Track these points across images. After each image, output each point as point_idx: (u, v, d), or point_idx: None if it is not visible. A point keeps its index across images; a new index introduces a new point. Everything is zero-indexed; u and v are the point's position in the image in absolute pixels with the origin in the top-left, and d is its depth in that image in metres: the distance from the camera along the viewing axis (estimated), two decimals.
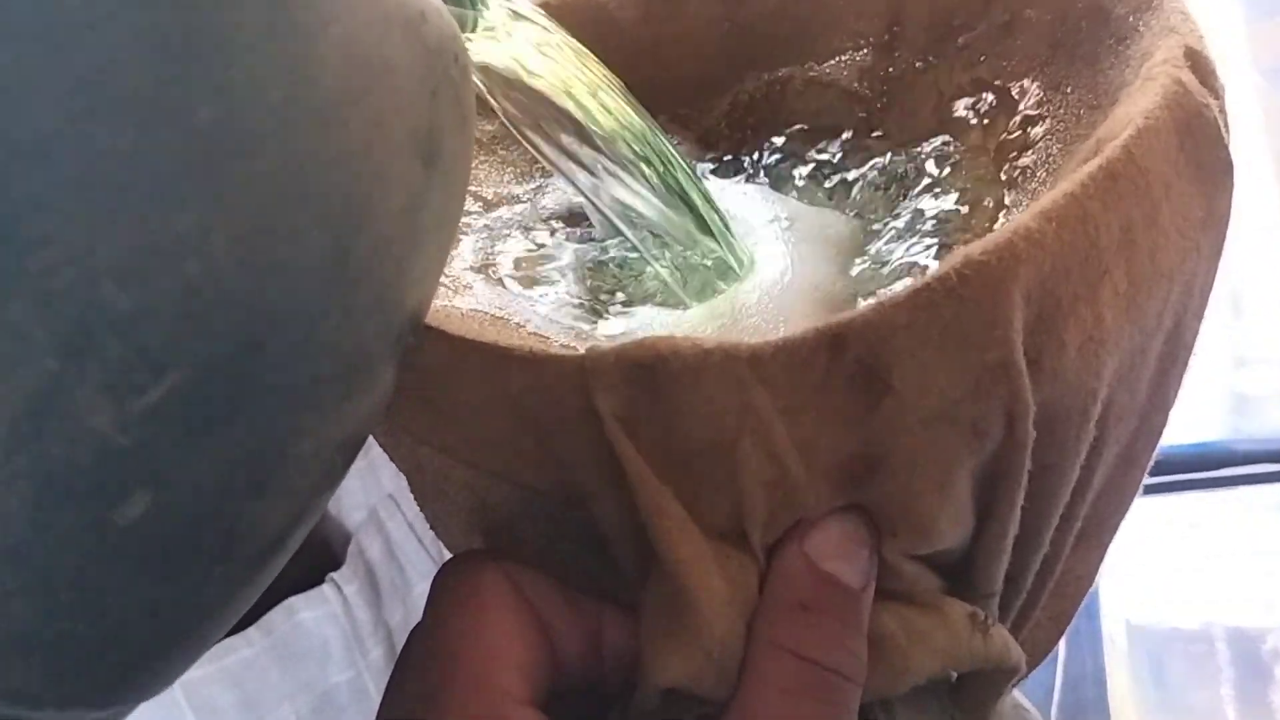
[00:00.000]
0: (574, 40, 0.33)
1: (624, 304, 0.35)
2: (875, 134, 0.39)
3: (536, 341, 0.31)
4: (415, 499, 0.31)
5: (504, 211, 0.39)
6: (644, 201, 0.32)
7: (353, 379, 0.21)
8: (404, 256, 0.21)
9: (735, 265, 0.34)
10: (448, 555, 0.29)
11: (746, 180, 0.39)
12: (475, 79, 0.30)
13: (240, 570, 0.22)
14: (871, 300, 0.24)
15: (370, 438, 0.27)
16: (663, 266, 0.34)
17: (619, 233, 0.34)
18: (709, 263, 0.33)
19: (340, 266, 0.19)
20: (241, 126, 0.18)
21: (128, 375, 0.18)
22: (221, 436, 0.19)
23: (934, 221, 0.34)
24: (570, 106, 0.31)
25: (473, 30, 0.30)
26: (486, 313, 0.33)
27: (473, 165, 0.32)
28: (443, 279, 0.33)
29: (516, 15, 0.31)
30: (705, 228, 0.33)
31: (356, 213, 0.20)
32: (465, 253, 0.36)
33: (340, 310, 0.20)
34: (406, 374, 0.24)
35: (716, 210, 0.34)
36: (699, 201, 0.33)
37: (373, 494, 0.56)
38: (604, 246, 0.37)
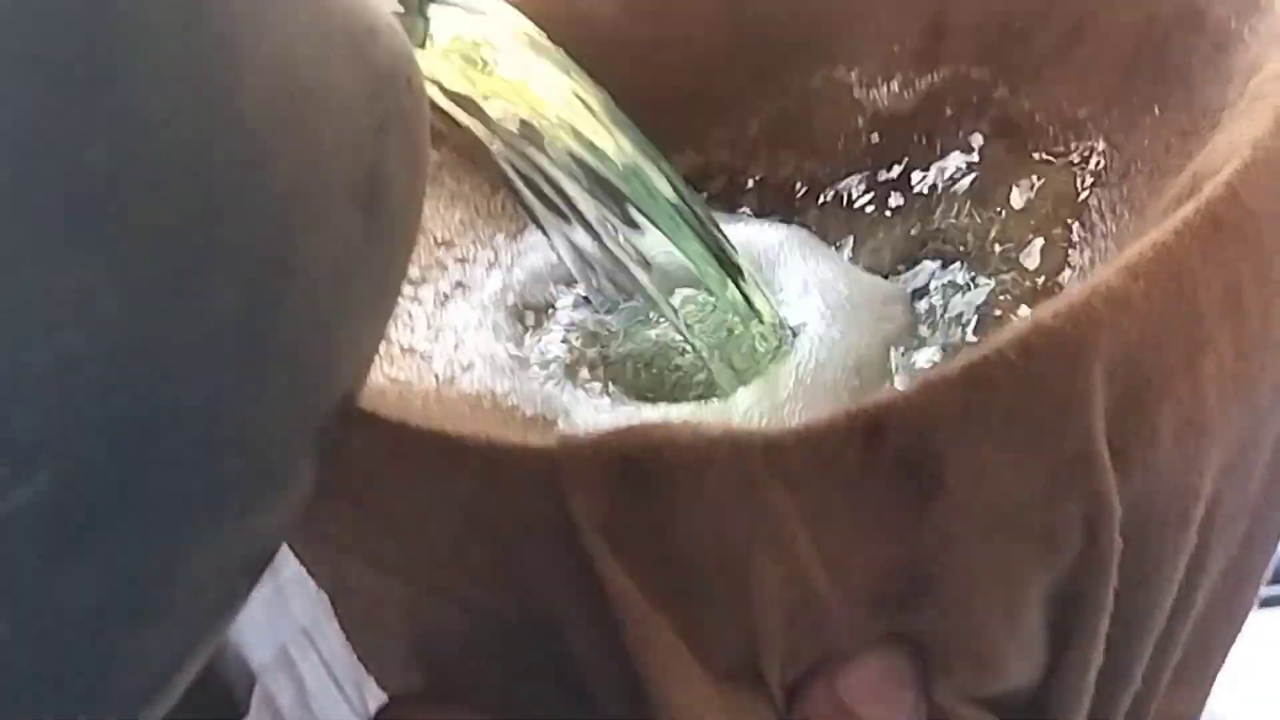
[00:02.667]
0: (552, 45, 0.33)
1: (625, 382, 0.35)
2: (913, 165, 0.39)
3: (498, 426, 0.31)
4: (341, 626, 0.31)
5: (458, 254, 0.39)
6: (661, 250, 0.33)
7: (263, 480, 0.21)
8: (334, 327, 0.21)
9: (775, 333, 0.34)
10: (374, 701, 0.29)
11: (757, 220, 0.40)
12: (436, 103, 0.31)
13: (115, 716, 0.21)
14: (917, 377, 0.25)
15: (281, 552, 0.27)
16: (695, 338, 0.34)
17: (628, 293, 0.34)
18: (741, 329, 0.34)
19: (254, 340, 0.20)
20: (142, 167, 0.18)
21: None
22: (97, 552, 0.19)
23: (991, 279, 0.34)
24: (560, 135, 0.31)
25: (422, 42, 0.30)
26: (438, 386, 0.33)
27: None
28: (383, 346, 0.33)
29: (474, 14, 0.31)
30: (735, 284, 0.33)
31: (278, 273, 0.20)
32: (412, 309, 0.37)
33: (252, 394, 0.20)
34: (332, 470, 0.24)
35: (739, 262, 0.34)
36: (726, 249, 0.33)
37: (282, 628, 0.55)
38: (606, 304, 0.38)
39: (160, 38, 0.18)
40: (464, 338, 0.36)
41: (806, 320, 0.34)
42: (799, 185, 0.41)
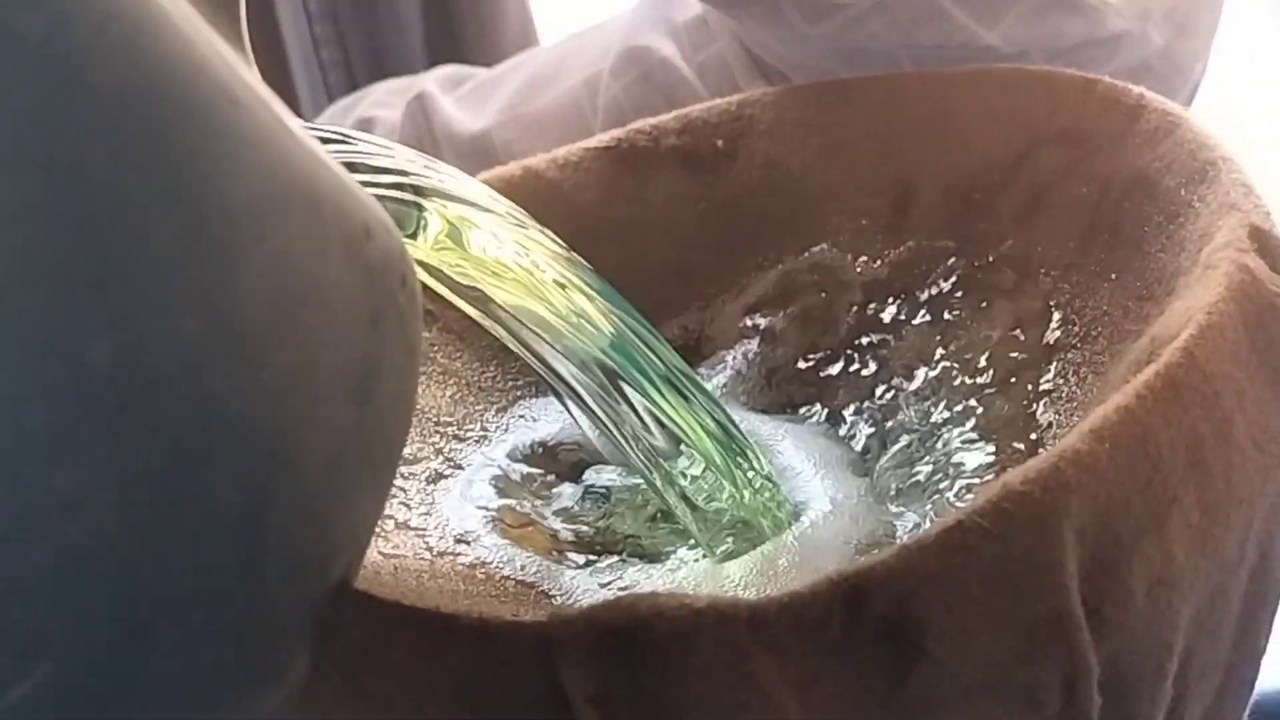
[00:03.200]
0: (540, 228, 0.33)
1: (620, 554, 0.35)
2: (886, 333, 0.39)
3: (490, 599, 0.31)
4: None
5: (450, 430, 0.39)
6: (655, 422, 0.33)
7: (258, 666, 0.21)
8: (329, 515, 0.21)
9: (777, 510, 0.34)
10: None
11: (739, 392, 0.40)
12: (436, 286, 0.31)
13: None
14: (897, 543, 0.25)
15: None
16: (689, 507, 0.34)
17: (625, 461, 0.34)
18: (739, 502, 0.34)
19: (251, 531, 0.20)
20: (144, 365, 0.18)
21: None
22: None
23: (967, 444, 0.34)
24: (552, 320, 0.32)
25: (414, 232, 0.31)
26: (432, 560, 0.33)
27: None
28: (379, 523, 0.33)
29: (469, 206, 0.32)
30: (736, 459, 0.33)
31: (275, 465, 0.20)
32: (406, 485, 0.37)
33: (248, 584, 0.20)
34: (329, 649, 0.24)
35: (737, 435, 0.34)
36: (725, 424, 0.34)
37: None
38: (603, 476, 0.38)
39: (163, 243, 0.18)
40: (455, 512, 0.36)
41: (806, 501, 0.34)
42: (780, 356, 0.41)
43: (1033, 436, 0.33)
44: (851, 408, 0.38)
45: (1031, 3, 0.43)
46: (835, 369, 0.40)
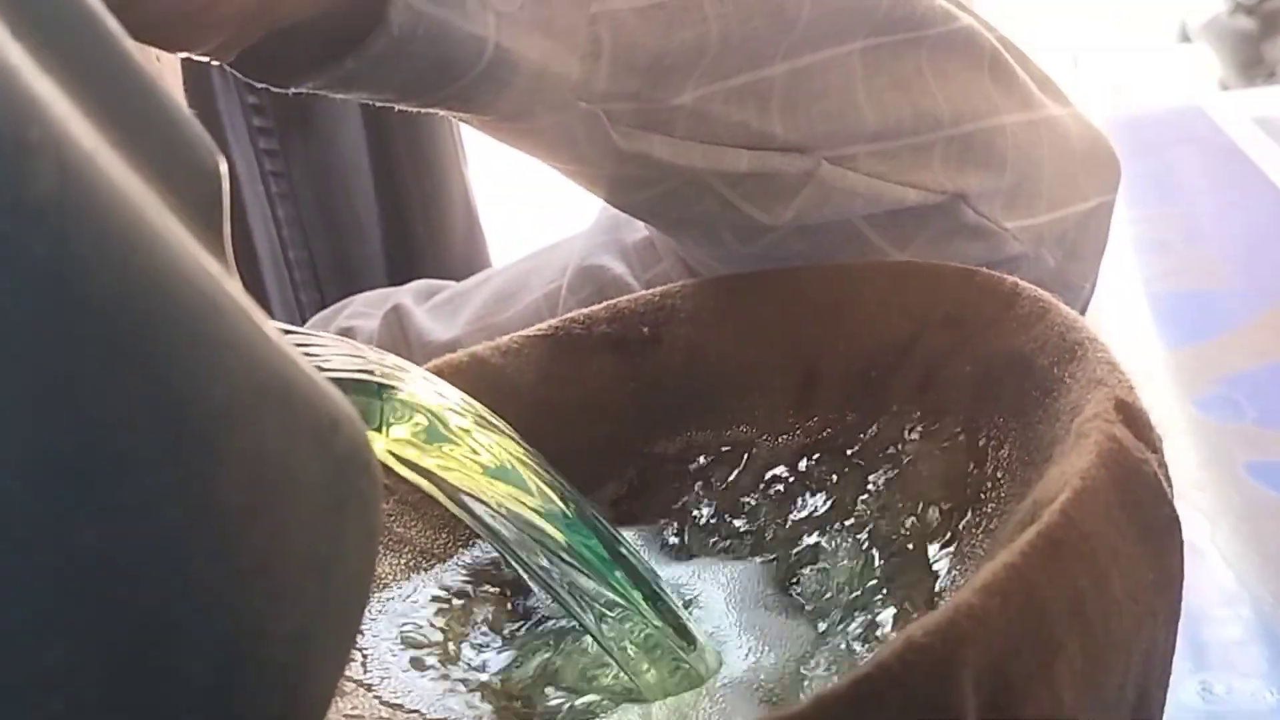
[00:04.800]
0: (491, 415, 0.34)
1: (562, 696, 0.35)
2: (799, 500, 0.39)
3: None
4: None
5: (403, 594, 0.39)
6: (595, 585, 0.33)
7: None
8: (294, 684, 0.21)
9: (705, 660, 0.34)
10: None
11: (681, 558, 0.40)
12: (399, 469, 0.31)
13: None
14: (811, 693, 0.24)
15: None
16: (621, 654, 0.34)
17: (571, 615, 0.34)
18: (664, 649, 0.34)
19: (223, 703, 0.19)
20: (129, 549, 0.18)
21: None
22: None
23: (880, 602, 0.34)
24: (499, 494, 0.32)
25: (379, 427, 0.31)
26: (384, 715, 0.33)
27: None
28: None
29: (425, 405, 0.32)
30: (657, 609, 0.34)
31: (245, 638, 0.19)
32: (362, 643, 0.36)
33: None
34: None
35: (661, 590, 0.34)
36: (651, 582, 0.34)
37: None
38: (544, 626, 0.37)
39: (149, 438, 0.18)
40: (406, 670, 0.35)
41: (727, 644, 0.34)
42: (709, 518, 0.41)
43: (934, 588, 0.33)
44: (783, 564, 0.38)
45: (937, 229, 0.45)
46: (753, 526, 0.40)
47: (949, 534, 0.34)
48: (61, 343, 0.17)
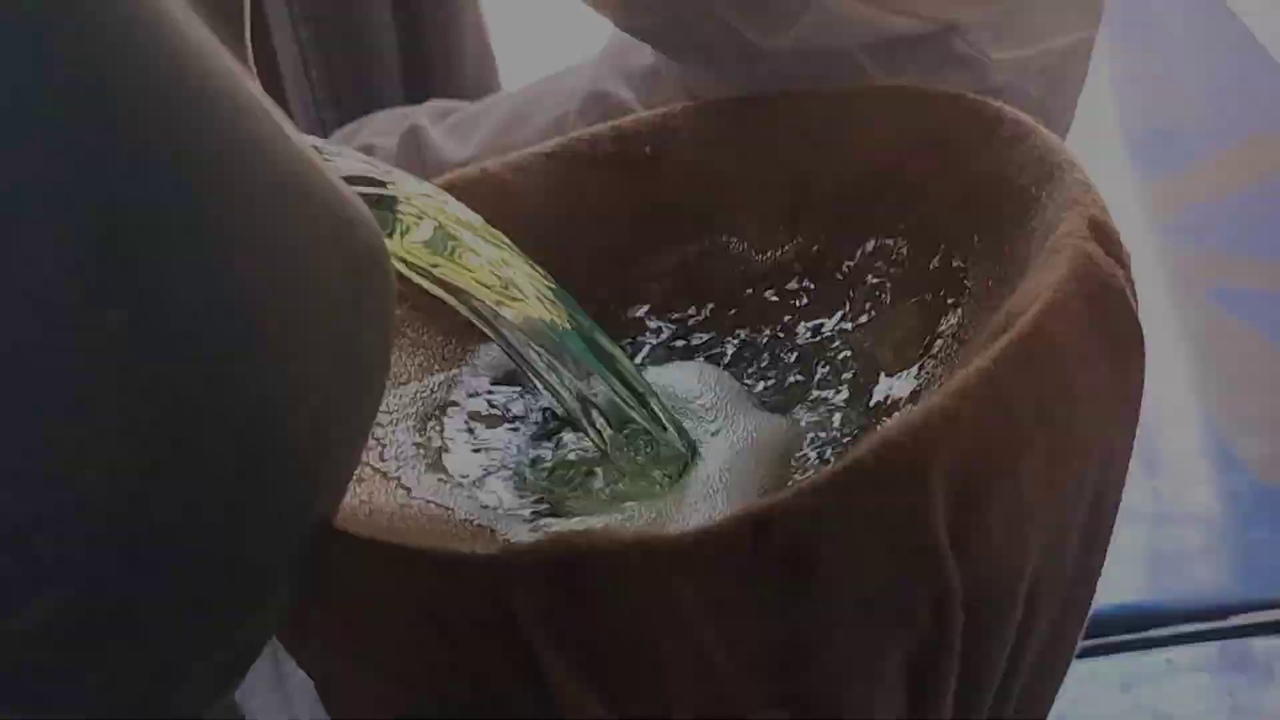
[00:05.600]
0: (492, 231, 0.33)
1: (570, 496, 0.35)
2: (787, 313, 0.40)
3: (451, 538, 0.31)
4: (327, 712, 0.31)
5: (418, 392, 0.39)
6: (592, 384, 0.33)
7: (249, 595, 0.21)
8: (313, 466, 0.21)
9: (685, 453, 0.34)
10: None
11: (667, 360, 0.40)
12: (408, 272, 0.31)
13: None
14: (798, 483, 0.25)
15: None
16: (617, 450, 0.34)
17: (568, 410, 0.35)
18: (658, 450, 0.34)
19: (247, 477, 0.20)
20: (155, 331, 0.18)
21: (4, 594, 0.18)
22: (95, 662, 0.19)
23: (867, 406, 0.35)
24: (501, 307, 0.32)
25: (391, 234, 0.31)
26: (401, 503, 0.33)
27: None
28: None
29: (432, 216, 0.32)
30: (652, 413, 0.34)
31: (269, 422, 0.20)
32: (380, 435, 0.37)
33: (242, 524, 0.20)
34: (314, 580, 0.24)
35: (654, 393, 0.35)
36: (639, 385, 0.34)
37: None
38: (546, 429, 0.38)
39: (175, 227, 0.18)
40: (422, 461, 0.36)
41: (716, 443, 0.35)
42: (704, 330, 0.41)
43: (914, 393, 0.34)
44: (773, 372, 0.39)
45: (929, 59, 0.44)
46: (740, 336, 0.40)
47: (927, 343, 0.35)
48: (91, 132, 0.17)
